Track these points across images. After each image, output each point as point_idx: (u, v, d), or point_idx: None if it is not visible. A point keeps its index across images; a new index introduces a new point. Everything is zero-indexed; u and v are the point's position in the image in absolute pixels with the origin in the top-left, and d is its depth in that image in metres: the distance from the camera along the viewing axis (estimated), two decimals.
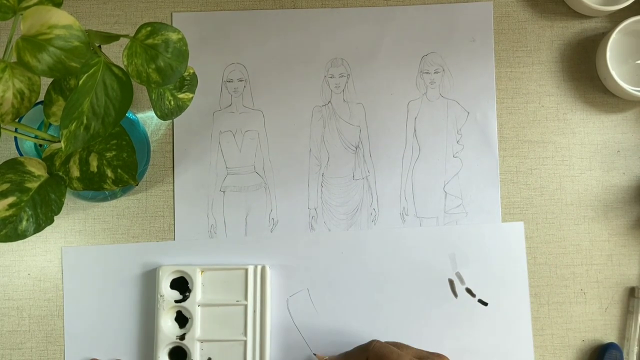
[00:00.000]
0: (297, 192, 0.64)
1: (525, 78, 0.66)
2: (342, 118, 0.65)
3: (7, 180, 0.45)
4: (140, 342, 0.61)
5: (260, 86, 0.65)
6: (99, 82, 0.42)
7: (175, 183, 0.64)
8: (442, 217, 0.64)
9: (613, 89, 0.65)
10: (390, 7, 0.66)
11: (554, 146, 0.66)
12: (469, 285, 0.63)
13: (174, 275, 0.61)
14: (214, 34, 0.65)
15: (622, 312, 0.64)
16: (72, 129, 0.42)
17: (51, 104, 0.50)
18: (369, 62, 0.66)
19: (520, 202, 0.65)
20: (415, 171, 0.65)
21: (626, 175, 0.65)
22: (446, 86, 0.66)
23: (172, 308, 0.61)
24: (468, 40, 0.66)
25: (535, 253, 0.64)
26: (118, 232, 0.63)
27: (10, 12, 0.42)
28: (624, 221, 0.65)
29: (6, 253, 0.63)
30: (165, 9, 0.66)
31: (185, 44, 0.46)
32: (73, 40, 0.39)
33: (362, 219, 0.64)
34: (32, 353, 0.62)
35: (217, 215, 0.64)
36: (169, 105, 0.53)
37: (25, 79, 0.42)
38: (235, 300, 0.61)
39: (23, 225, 0.45)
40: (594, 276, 0.64)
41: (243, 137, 0.65)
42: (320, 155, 0.65)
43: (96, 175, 0.49)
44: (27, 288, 0.62)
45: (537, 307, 0.63)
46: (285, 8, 0.66)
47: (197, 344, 0.60)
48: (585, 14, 0.66)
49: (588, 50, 0.67)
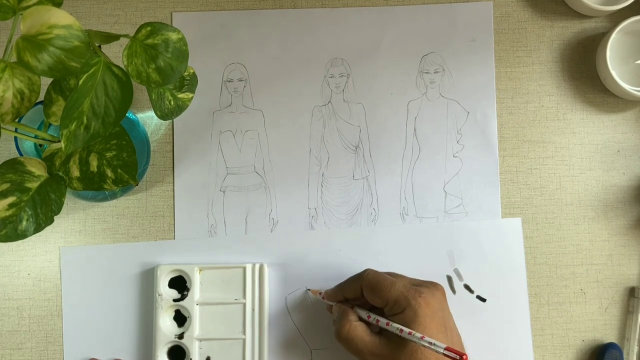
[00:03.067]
0: (297, 192, 0.64)
1: (525, 78, 0.66)
2: (342, 118, 0.65)
3: (7, 180, 0.45)
4: (139, 342, 0.61)
5: (260, 86, 0.65)
6: (99, 82, 0.42)
7: (175, 183, 0.64)
8: (442, 216, 0.64)
9: (613, 89, 0.65)
10: (390, 7, 0.66)
11: (554, 146, 0.66)
12: (467, 282, 0.63)
13: (172, 274, 0.61)
14: (214, 34, 0.65)
15: (622, 312, 0.64)
16: (72, 129, 0.42)
17: (51, 104, 0.50)
18: (369, 62, 0.66)
19: (520, 201, 0.65)
20: (415, 171, 0.65)
21: (626, 175, 0.65)
22: (446, 86, 0.66)
23: (171, 307, 0.61)
24: (468, 40, 0.66)
25: (535, 253, 0.64)
26: (118, 232, 0.63)
27: (10, 12, 0.42)
28: (624, 221, 0.65)
29: (6, 253, 0.63)
30: (165, 9, 0.66)
31: (185, 44, 0.46)
32: (73, 40, 0.39)
33: (362, 219, 0.64)
34: (32, 353, 0.62)
35: (217, 215, 0.64)
36: (169, 105, 0.53)
37: (25, 79, 0.42)
38: (233, 299, 0.61)
39: (23, 225, 0.45)
40: (594, 276, 0.64)
41: (243, 137, 0.65)
42: (320, 155, 0.65)
43: (96, 175, 0.49)
44: (27, 288, 0.62)
45: (537, 307, 0.63)
46: (285, 8, 0.66)
47: (195, 342, 0.60)
48: (585, 14, 0.66)
49: (588, 50, 0.67)
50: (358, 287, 0.55)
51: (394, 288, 0.53)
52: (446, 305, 0.55)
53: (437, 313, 0.52)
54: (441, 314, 0.52)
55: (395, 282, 0.53)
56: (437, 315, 0.52)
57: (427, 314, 0.51)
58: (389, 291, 0.53)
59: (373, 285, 0.54)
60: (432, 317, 0.51)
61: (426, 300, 0.52)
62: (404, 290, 0.52)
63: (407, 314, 0.51)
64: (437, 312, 0.52)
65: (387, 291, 0.53)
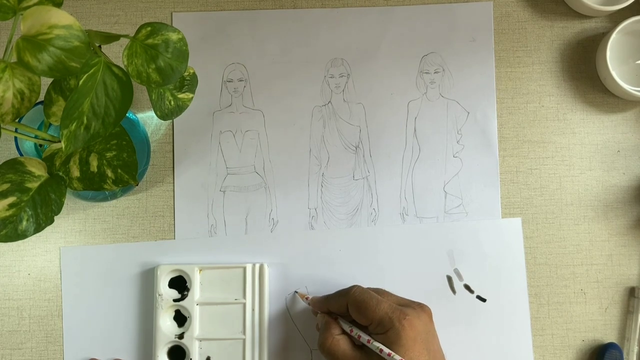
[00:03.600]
0: (297, 192, 0.64)
1: (525, 78, 0.66)
2: (342, 118, 0.65)
3: (7, 180, 0.45)
4: (139, 342, 0.61)
5: (260, 86, 0.65)
6: (99, 82, 0.42)
7: (175, 183, 0.64)
8: (442, 217, 0.64)
9: (613, 89, 0.65)
10: (390, 7, 0.66)
11: (554, 146, 0.66)
12: (467, 282, 0.63)
13: (172, 274, 0.61)
14: (214, 34, 0.65)
15: (622, 312, 0.64)
16: (72, 129, 0.42)
17: (51, 104, 0.50)
18: (369, 62, 0.66)
19: (520, 202, 0.65)
20: (415, 171, 0.65)
21: (626, 175, 0.65)
22: (446, 86, 0.66)
23: (171, 307, 0.61)
24: (468, 40, 0.66)
25: (535, 253, 0.64)
26: (118, 232, 0.63)
27: (10, 12, 0.42)
28: (624, 221, 0.65)
29: (6, 253, 0.63)
30: (165, 9, 0.66)
31: (185, 44, 0.46)
32: (73, 40, 0.39)
33: (362, 219, 0.64)
34: (32, 353, 0.62)
35: (217, 215, 0.64)
36: (169, 105, 0.53)
37: (25, 79, 0.42)
38: (233, 299, 0.61)
39: (23, 225, 0.45)
40: (594, 276, 0.64)
41: (243, 137, 0.65)
42: (320, 155, 0.65)
43: (96, 175, 0.49)
44: (27, 288, 0.62)
45: (537, 307, 0.63)
46: (285, 8, 0.66)
47: (195, 342, 0.60)
48: (585, 14, 0.66)
49: (588, 50, 0.67)
50: (344, 304, 0.55)
51: (379, 308, 0.52)
52: (432, 327, 0.54)
53: (421, 335, 0.51)
54: (425, 336, 0.52)
55: (381, 302, 0.53)
56: (420, 338, 0.51)
57: (410, 336, 0.51)
58: (373, 311, 0.52)
59: (359, 304, 0.53)
60: (415, 339, 0.51)
61: (410, 322, 0.51)
62: (389, 311, 0.52)
63: (390, 335, 0.51)
64: (421, 335, 0.51)
65: (372, 311, 0.52)
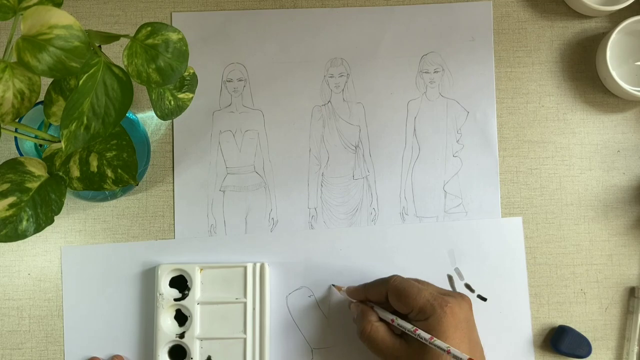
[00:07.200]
0: (297, 192, 0.64)
1: (525, 78, 0.66)
2: (342, 118, 0.65)
3: (7, 180, 0.45)
4: (140, 341, 0.61)
5: (260, 86, 0.65)
6: (99, 82, 0.42)
7: (175, 183, 0.64)
8: (442, 216, 0.64)
9: (613, 89, 0.65)
10: (390, 7, 0.66)
11: (554, 146, 0.66)
12: (468, 281, 0.63)
13: (173, 273, 0.61)
14: (214, 34, 0.65)
15: (622, 312, 0.64)
16: (73, 129, 0.42)
17: (51, 104, 0.50)
18: (369, 62, 0.66)
19: (520, 201, 0.65)
20: (415, 171, 0.65)
21: (626, 175, 0.65)
22: (446, 86, 0.66)
23: (172, 306, 0.61)
24: (468, 39, 0.66)
25: (535, 253, 0.64)
26: (118, 232, 0.63)
27: (10, 12, 0.42)
28: (624, 221, 0.65)
29: (6, 253, 0.63)
30: (165, 9, 0.66)
31: (185, 44, 0.46)
32: (73, 40, 0.39)
33: (362, 218, 0.64)
34: (32, 353, 0.62)
35: (217, 215, 0.64)
36: (169, 105, 0.53)
37: (25, 79, 0.42)
38: (234, 298, 0.61)
39: (23, 225, 0.45)
40: (594, 276, 0.64)
41: (243, 137, 0.65)
42: (320, 155, 0.65)
43: (96, 175, 0.49)
44: (27, 288, 0.62)
45: (537, 307, 0.63)
46: (285, 8, 0.66)
47: (196, 342, 0.60)
48: (585, 14, 0.66)
49: (588, 50, 0.67)
50: (383, 292, 0.55)
51: (421, 296, 0.52)
52: (472, 317, 0.54)
53: (462, 324, 0.52)
54: (466, 324, 0.52)
55: (422, 290, 0.53)
56: (462, 326, 0.51)
57: (452, 323, 0.51)
58: (414, 299, 0.52)
59: (400, 292, 0.53)
60: (456, 327, 0.51)
61: (452, 309, 0.51)
62: (431, 299, 0.52)
63: (431, 322, 0.51)
64: (462, 323, 0.52)
65: (413, 298, 0.52)
